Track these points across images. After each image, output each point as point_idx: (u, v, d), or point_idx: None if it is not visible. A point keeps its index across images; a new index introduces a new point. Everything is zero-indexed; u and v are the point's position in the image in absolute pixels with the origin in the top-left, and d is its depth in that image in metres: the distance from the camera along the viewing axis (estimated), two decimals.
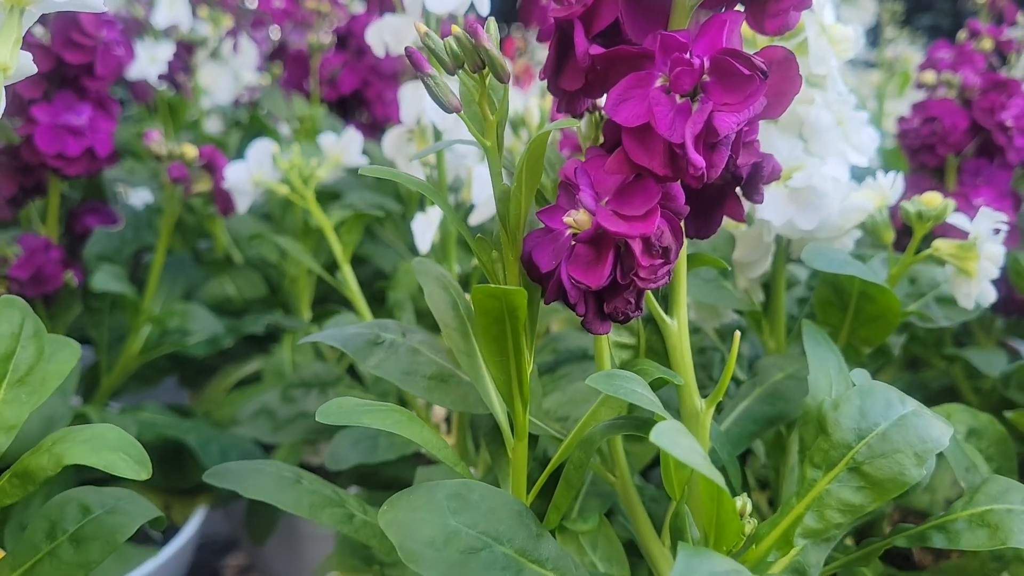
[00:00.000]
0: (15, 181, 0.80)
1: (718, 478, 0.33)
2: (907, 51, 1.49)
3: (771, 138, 0.58)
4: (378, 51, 0.66)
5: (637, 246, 0.40)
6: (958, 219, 0.58)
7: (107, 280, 0.76)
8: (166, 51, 1.11)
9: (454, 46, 0.40)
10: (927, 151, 0.88)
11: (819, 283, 0.59)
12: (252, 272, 0.92)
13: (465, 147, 0.74)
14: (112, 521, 0.43)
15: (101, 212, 0.85)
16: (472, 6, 0.64)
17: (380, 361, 0.48)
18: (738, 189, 0.47)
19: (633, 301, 0.41)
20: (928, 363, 0.95)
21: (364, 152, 0.85)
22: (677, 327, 0.46)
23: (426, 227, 0.66)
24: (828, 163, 0.58)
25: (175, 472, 0.85)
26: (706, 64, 0.39)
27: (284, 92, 1.00)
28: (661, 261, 0.41)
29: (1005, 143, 0.86)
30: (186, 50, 0.91)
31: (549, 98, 0.70)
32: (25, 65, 0.39)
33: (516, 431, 0.45)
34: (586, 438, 0.41)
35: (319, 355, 0.92)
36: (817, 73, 0.58)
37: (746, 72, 0.39)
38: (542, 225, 0.43)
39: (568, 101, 0.46)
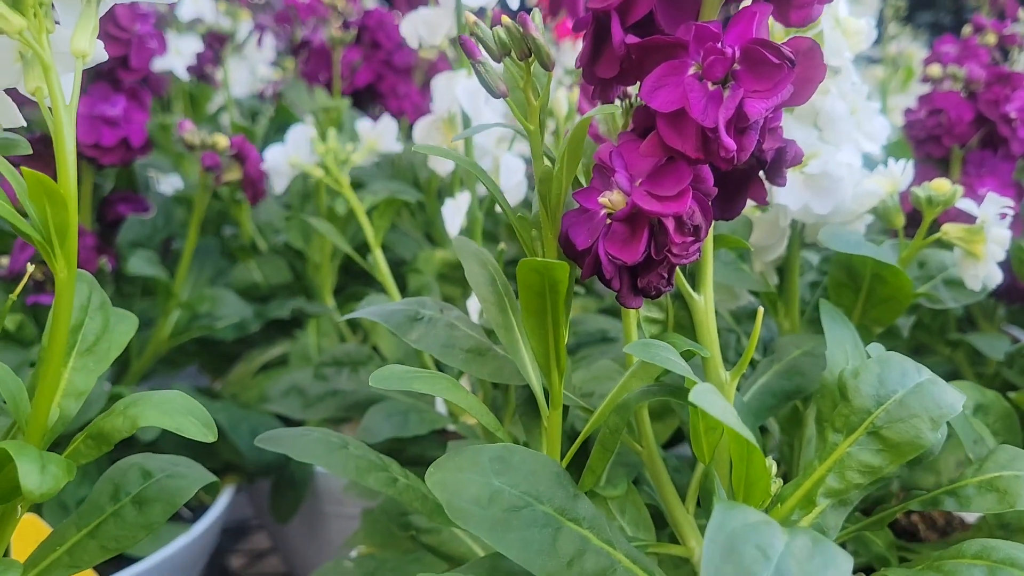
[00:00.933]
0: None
1: (749, 436, 0.36)
2: (910, 47, 1.51)
3: (788, 126, 0.60)
4: (412, 43, 0.69)
5: (671, 224, 0.43)
6: (966, 204, 0.60)
7: (142, 264, 0.79)
8: (191, 44, 1.13)
9: (503, 35, 0.43)
10: (933, 142, 0.90)
11: (833, 265, 0.62)
12: (277, 259, 0.94)
13: (488, 140, 0.76)
14: (172, 484, 0.46)
15: (133, 200, 0.87)
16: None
17: (420, 336, 0.51)
18: (761, 173, 0.50)
19: (666, 276, 0.44)
20: (932, 349, 0.98)
21: None
22: (704, 303, 0.49)
23: (455, 212, 0.69)
24: (842, 150, 0.60)
25: (203, 452, 0.87)
26: (737, 53, 0.42)
27: (306, 85, 1.02)
28: (692, 239, 0.44)
29: (1009, 135, 0.89)
30: (218, 41, 0.94)
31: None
32: (98, 52, 0.41)
33: (552, 401, 0.48)
34: (622, 403, 0.44)
35: (342, 339, 0.95)
36: (832, 64, 0.61)
37: (775, 61, 0.41)
38: (577, 206, 0.46)
39: (603, 89, 0.48)
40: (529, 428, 0.53)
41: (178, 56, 1.13)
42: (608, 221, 0.45)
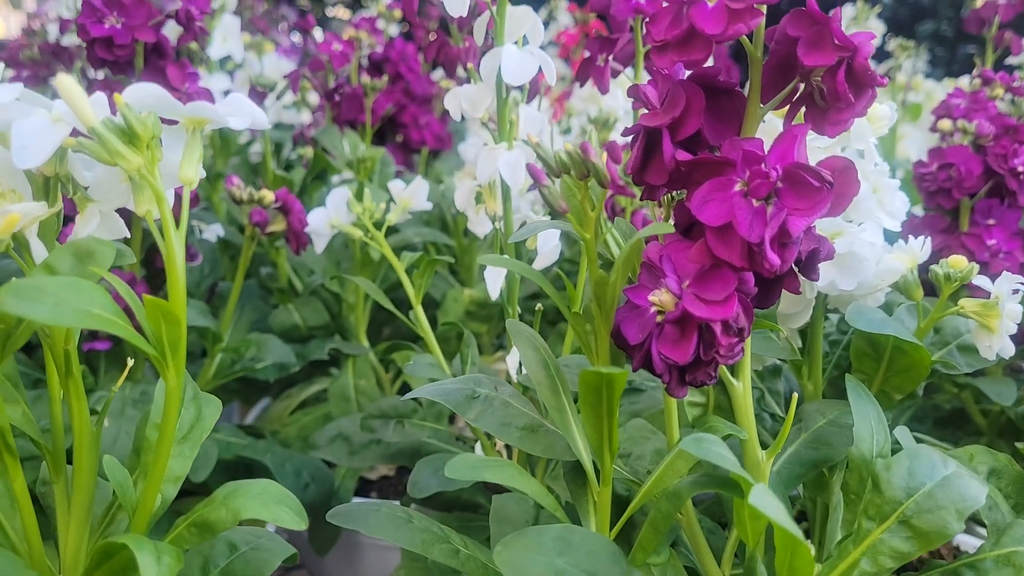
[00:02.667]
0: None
1: (797, 532, 0.40)
2: (918, 78, 1.55)
3: None
4: (455, 115, 0.72)
5: (718, 328, 0.47)
6: (981, 280, 0.64)
7: (194, 316, 0.83)
8: (221, 83, 1.17)
9: (564, 158, 0.47)
10: (943, 194, 0.94)
11: (856, 336, 0.66)
12: (315, 301, 0.98)
13: (524, 203, 0.80)
14: (257, 557, 0.50)
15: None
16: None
17: (478, 414, 0.55)
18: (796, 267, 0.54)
19: (712, 373, 0.48)
20: (940, 387, 1.02)
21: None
22: (742, 388, 0.53)
23: (497, 275, 0.73)
24: (865, 229, 0.65)
25: None
26: (780, 174, 0.46)
27: (338, 129, 1.06)
28: (737, 340, 0.48)
29: (1017, 188, 0.93)
30: (259, 96, 0.97)
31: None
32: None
33: (603, 478, 0.53)
34: (674, 492, 0.48)
35: (377, 378, 0.99)
36: (857, 148, 0.65)
37: (816, 184, 0.45)
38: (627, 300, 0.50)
39: (650, 191, 0.52)
40: (577, 496, 0.57)
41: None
42: (659, 319, 0.49)
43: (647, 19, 0.80)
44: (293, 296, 1.02)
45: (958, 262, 0.65)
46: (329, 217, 0.80)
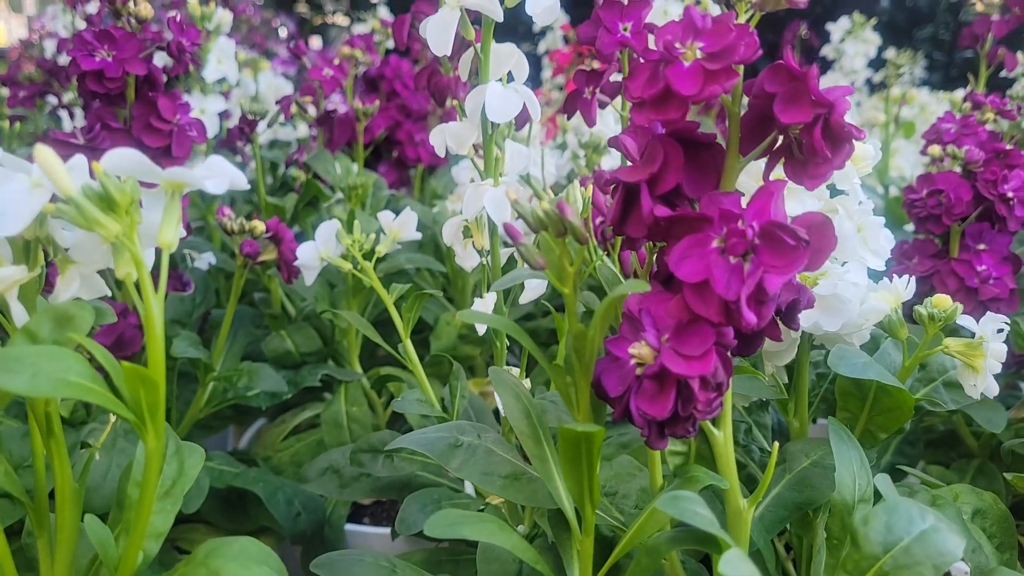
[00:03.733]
0: None
1: None
2: (912, 92, 1.55)
3: None
4: (439, 151, 0.73)
5: (696, 384, 0.47)
6: (966, 320, 0.65)
7: (184, 347, 0.83)
8: (216, 104, 1.18)
9: (540, 215, 0.47)
10: (933, 220, 0.94)
11: (840, 376, 0.66)
12: (307, 327, 0.99)
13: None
14: None
15: (172, 277, 0.92)
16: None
17: (461, 463, 0.55)
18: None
19: (691, 428, 0.48)
20: (931, 410, 1.03)
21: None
22: (723, 438, 0.53)
23: (484, 311, 0.73)
24: (849, 268, 0.65)
25: (240, 515, 0.92)
26: (756, 231, 0.46)
27: (330, 153, 1.07)
28: (715, 394, 0.48)
29: (1007, 213, 0.93)
30: (248, 125, 0.98)
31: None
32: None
33: (584, 528, 0.53)
34: (652, 547, 0.48)
35: (370, 404, 1.00)
36: (842, 188, 0.66)
37: (791, 243, 0.46)
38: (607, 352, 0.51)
39: (631, 242, 0.53)
40: (560, 540, 0.57)
41: (202, 116, 1.17)
42: (638, 372, 0.49)
43: (633, 52, 0.80)
44: (287, 321, 1.03)
45: (942, 302, 0.65)
46: (318, 250, 0.81)
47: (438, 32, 0.69)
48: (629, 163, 0.52)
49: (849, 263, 0.65)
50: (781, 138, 0.50)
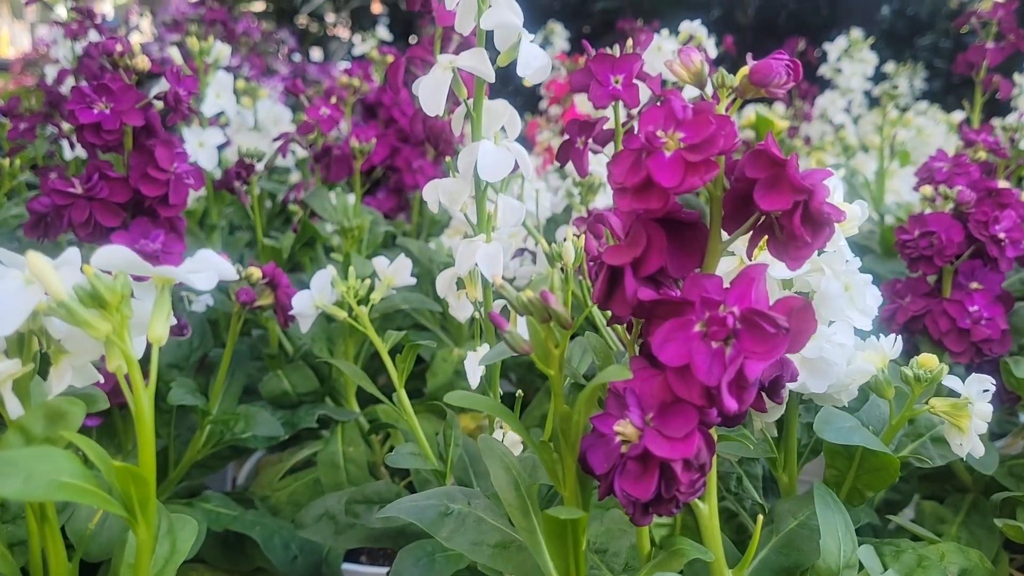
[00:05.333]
0: None
1: None
2: (908, 116, 1.55)
3: None
4: (432, 207, 0.74)
5: (678, 466, 0.48)
6: (952, 381, 0.65)
7: (182, 395, 0.84)
8: (214, 137, 1.18)
9: (525, 302, 0.48)
10: (925, 261, 0.95)
11: None
12: (304, 368, 1.00)
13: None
14: None
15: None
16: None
17: (451, 533, 0.56)
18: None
19: (675, 508, 0.49)
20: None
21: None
22: (708, 511, 0.54)
23: (475, 368, 0.74)
24: (836, 328, 0.65)
25: (238, 555, 0.93)
26: (737, 317, 0.47)
27: (326, 189, 1.08)
28: (699, 475, 0.49)
29: (998, 254, 0.93)
30: (246, 169, 0.98)
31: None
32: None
33: None
34: None
35: (367, 443, 1.01)
36: (828, 249, 0.66)
37: (771, 331, 0.46)
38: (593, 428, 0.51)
39: (616, 318, 0.54)
40: None
41: (201, 148, 1.18)
42: (623, 449, 0.50)
43: (624, 103, 0.81)
44: (284, 360, 1.03)
45: (928, 362, 0.66)
46: (313, 299, 0.82)
47: (430, 92, 0.69)
48: (614, 241, 0.53)
49: (836, 323, 0.66)
50: (764, 217, 0.51)
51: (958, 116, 1.68)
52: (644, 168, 0.47)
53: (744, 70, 0.50)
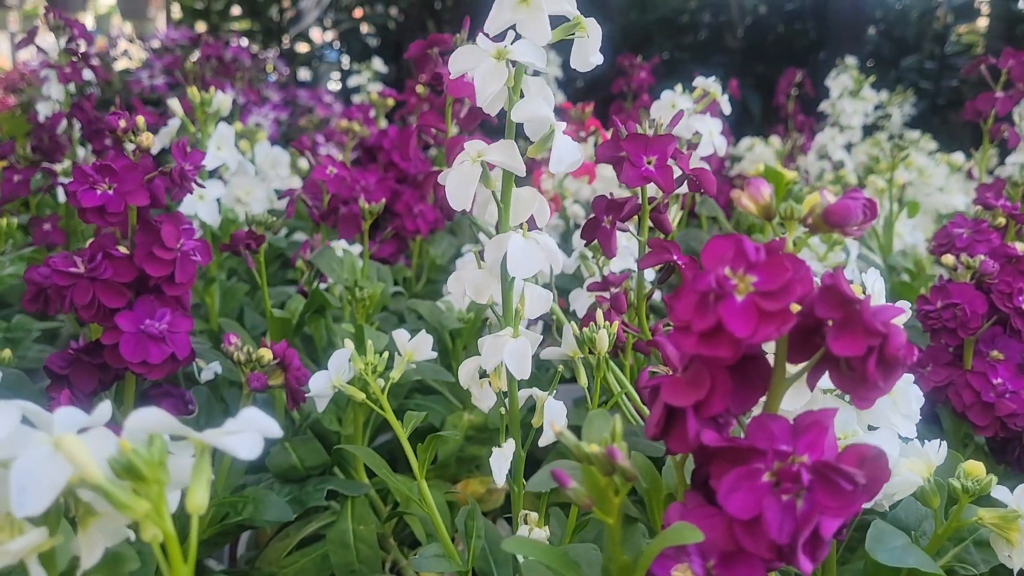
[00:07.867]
0: (95, 378, 0.85)
1: None
2: (910, 158, 1.54)
3: None
4: (456, 302, 0.71)
5: None
6: (1001, 492, 0.63)
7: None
8: (215, 190, 1.15)
9: (587, 453, 0.45)
10: (948, 333, 0.93)
11: None
12: (312, 440, 0.96)
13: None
14: None
15: (174, 396, 0.89)
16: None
17: None
18: None
19: None
20: None
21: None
22: None
23: (502, 461, 0.72)
24: (880, 435, 0.63)
25: None
26: (809, 468, 0.44)
27: (332, 250, 1.04)
28: None
29: (1022, 327, 0.92)
30: (255, 240, 0.95)
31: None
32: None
33: None
34: None
35: (377, 516, 0.98)
36: None
37: (847, 487, 0.44)
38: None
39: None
40: None
41: (201, 202, 1.15)
42: None
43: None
44: (291, 431, 1.00)
45: (975, 470, 0.64)
46: (331, 379, 0.79)
47: (458, 187, 0.66)
48: (668, 370, 0.51)
49: (879, 430, 0.64)
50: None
51: (957, 158, 1.67)
52: (714, 313, 0.45)
53: (816, 203, 0.47)
